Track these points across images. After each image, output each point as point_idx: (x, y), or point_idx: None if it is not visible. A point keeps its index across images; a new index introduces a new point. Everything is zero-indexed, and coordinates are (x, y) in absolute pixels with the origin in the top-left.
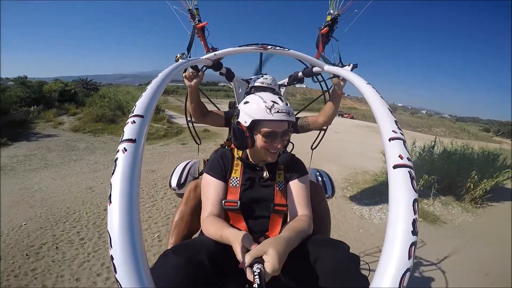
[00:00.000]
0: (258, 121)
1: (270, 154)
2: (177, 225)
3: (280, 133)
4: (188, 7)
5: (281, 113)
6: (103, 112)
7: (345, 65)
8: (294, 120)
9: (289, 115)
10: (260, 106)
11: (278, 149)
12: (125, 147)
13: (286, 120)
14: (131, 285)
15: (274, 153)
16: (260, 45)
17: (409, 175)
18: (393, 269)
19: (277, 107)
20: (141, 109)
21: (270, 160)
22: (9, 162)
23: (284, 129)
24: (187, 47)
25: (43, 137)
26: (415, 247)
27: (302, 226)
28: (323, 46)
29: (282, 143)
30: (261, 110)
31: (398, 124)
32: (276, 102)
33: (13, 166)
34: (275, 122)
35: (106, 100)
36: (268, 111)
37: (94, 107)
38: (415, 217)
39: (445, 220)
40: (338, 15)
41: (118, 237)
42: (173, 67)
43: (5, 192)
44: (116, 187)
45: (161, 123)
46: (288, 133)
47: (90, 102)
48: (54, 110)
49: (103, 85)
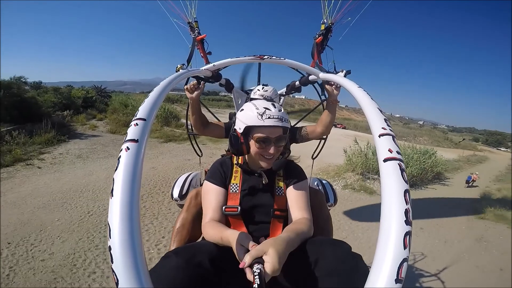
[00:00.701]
0: (251, 127)
1: (264, 160)
2: (179, 232)
3: (273, 139)
4: (187, 20)
5: (272, 119)
6: (129, 119)
7: (338, 72)
8: (288, 126)
9: (281, 121)
10: (252, 112)
11: (273, 155)
12: (128, 146)
13: (279, 126)
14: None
15: (268, 159)
16: (257, 56)
17: (399, 167)
18: (390, 260)
19: (269, 113)
20: (143, 113)
21: (264, 166)
22: (81, 152)
23: (278, 135)
24: (187, 58)
25: (90, 137)
26: (410, 236)
27: (302, 227)
28: (318, 54)
29: (276, 149)
30: (253, 116)
31: (387, 121)
32: (269, 108)
33: (87, 155)
34: (267, 128)
35: (130, 108)
36: (259, 117)
37: (117, 114)
38: (407, 207)
39: (379, 193)
40: (332, 24)
41: (117, 229)
42: (173, 77)
43: (100, 170)
44: (118, 182)
45: (182, 129)
46: (282, 139)
47: (113, 109)
48: (83, 115)
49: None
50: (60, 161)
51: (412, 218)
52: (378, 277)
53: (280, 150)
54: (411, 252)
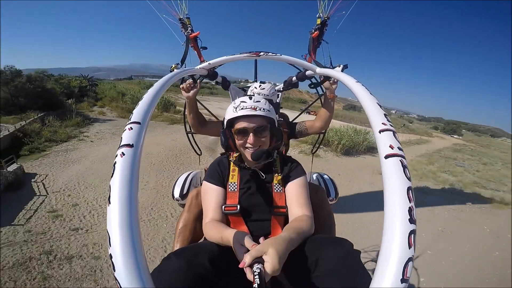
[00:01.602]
0: (229, 121)
1: (247, 151)
2: (181, 232)
3: (250, 129)
4: (178, 16)
5: (245, 109)
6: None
7: (335, 67)
8: (268, 116)
9: (255, 110)
10: (230, 107)
11: (253, 145)
12: (123, 152)
13: (253, 115)
14: (130, 284)
15: (250, 150)
16: (252, 52)
17: (401, 164)
18: (395, 260)
19: (243, 105)
20: (138, 116)
21: (248, 157)
22: (112, 131)
23: (256, 124)
24: (182, 58)
25: (107, 121)
26: (415, 235)
27: (302, 226)
28: (315, 49)
29: (259, 140)
30: (230, 110)
31: (387, 117)
32: (244, 101)
33: (114, 133)
34: (242, 119)
35: (129, 96)
36: (234, 110)
37: (117, 102)
38: (411, 205)
39: (322, 157)
40: (327, 18)
41: (117, 237)
42: (168, 77)
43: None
44: (115, 189)
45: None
46: (263, 129)
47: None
48: (86, 103)
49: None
50: (102, 137)
51: (415, 216)
52: (383, 278)
53: (263, 141)
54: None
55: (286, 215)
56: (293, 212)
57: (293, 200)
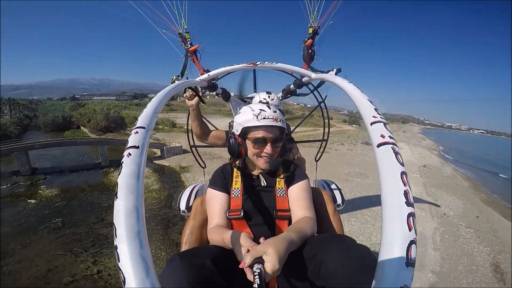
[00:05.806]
0: (248, 128)
1: (262, 160)
2: (188, 239)
3: (269, 139)
4: (178, 30)
5: (268, 119)
6: None
7: (329, 71)
8: (284, 127)
9: (276, 121)
10: (249, 114)
11: (270, 155)
12: (130, 152)
13: (274, 125)
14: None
15: (265, 159)
16: (249, 63)
17: (393, 150)
18: (397, 245)
19: (264, 114)
20: (143, 121)
21: (262, 166)
22: None
23: (274, 135)
24: (181, 70)
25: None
26: (414, 217)
27: (304, 226)
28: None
29: (274, 150)
30: (249, 117)
31: (378, 110)
32: (264, 109)
33: None
34: (263, 128)
35: None
36: (255, 118)
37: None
38: (406, 189)
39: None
40: (318, 27)
41: (123, 228)
42: (169, 88)
43: None
44: (122, 185)
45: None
46: (279, 140)
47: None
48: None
49: None
50: None
51: (412, 199)
52: (387, 264)
53: (277, 150)
54: None
55: (289, 218)
56: (295, 214)
57: (296, 203)
